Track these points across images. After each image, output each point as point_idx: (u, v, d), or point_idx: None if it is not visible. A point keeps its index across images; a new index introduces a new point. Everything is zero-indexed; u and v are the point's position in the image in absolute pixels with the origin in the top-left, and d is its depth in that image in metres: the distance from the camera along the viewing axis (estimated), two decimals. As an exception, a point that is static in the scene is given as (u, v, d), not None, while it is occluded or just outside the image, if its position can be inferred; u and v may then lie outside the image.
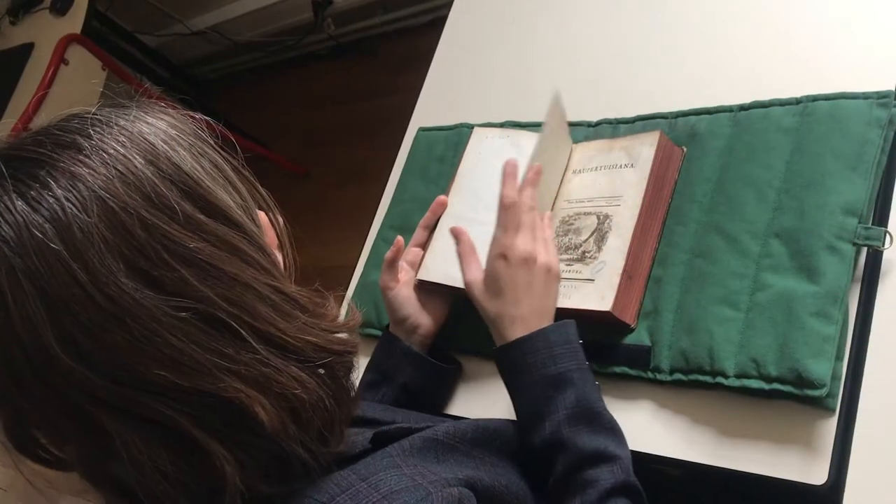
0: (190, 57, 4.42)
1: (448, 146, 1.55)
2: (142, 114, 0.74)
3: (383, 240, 1.55)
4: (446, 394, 1.29)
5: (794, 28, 1.25)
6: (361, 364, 1.37)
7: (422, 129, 1.65)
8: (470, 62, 1.72)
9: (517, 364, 1.05)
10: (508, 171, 1.15)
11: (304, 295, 0.80)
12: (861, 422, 0.95)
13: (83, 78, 2.74)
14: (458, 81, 1.72)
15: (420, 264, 1.32)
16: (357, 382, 0.86)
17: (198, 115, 0.80)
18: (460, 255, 1.18)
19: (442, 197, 1.34)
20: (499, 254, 1.10)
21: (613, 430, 1.01)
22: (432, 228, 1.35)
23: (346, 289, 1.58)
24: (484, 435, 0.98)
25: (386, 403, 1.22)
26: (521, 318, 1.07)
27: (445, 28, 1.82)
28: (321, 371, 0.77)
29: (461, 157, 1.40)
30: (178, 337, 0.66)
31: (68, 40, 2.66)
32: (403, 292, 1.28)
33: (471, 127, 1.53)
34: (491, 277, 1.11)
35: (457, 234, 1.21)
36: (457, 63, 1.75)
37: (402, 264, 1.32)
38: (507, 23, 1.70)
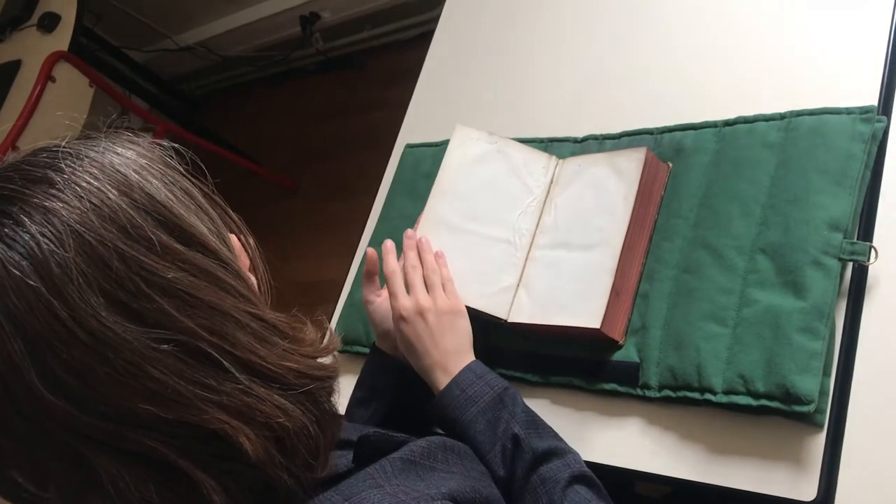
0: (178, 72, 4.42)
1: (435, 163, 1.53)
2: (111, 144, 0.73)
3: None
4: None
5: (779, 44, 1.26)
6: (351, 381, 1.37)
7: (409, 146, 1.65)
8: (457, 78, 1.72)
9: (461, 400, 1.09)
10: (385, 248, 1.24)
11: (282, 321, 0.79)
12: (849, 437, 0.95)
13: (71, 95, 2.73)
14: (445, 97, 1.72)
15: None
16: (339, 405, 0.85)
17: (165, 142, 0.80)
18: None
19: (409, 231, 1.31)
20: (397, 317, 1.16)
21: (557, 435, 1.06)
22: None
23: (335, 305, 1.58)
24: (454, 453, 0.98)
25: (376, 420, 1.22)
26: (439, 364, 1.12)
27: (432, 44, 1.82)
28: (303, 398, 0.76)
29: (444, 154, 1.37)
30: (160, 370, 0.66)
31: (55, 57, 2.65)
32: (385, 306, 1.28)
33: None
34: (400, 339, 1.17)
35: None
36: (444, 79, 1.75)
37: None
38: (493, 39, 1.70)
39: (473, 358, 1.14)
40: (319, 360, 0.81)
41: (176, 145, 0.81)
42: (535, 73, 1.58)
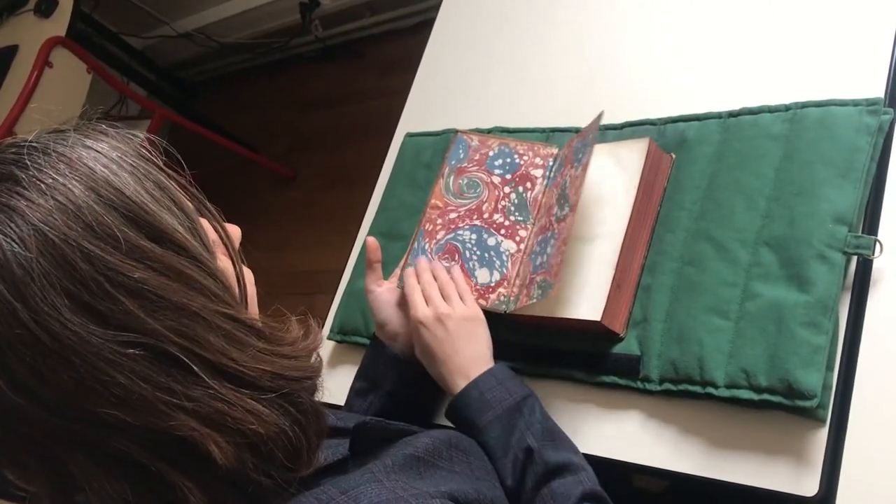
0: (176, 59, 4.40)
1: (436, 152, 1.55)
2: (80, 138, 0.71)
3: None
4: (435, 402, 1.29)
5: (784, 34, 1.25)
6: (350, 372, 1.37)
7: (409, 135, 1.65)
8: (458, 66, 1.71)
9: (478, 403, 1.08)
10: (406, 274, 1.26)
11: (258, 320, 0.77)
12: (852, 432, 0.95)
13: (68, 81, 2.72)
14: (445, 86, 1.71)
15: (402, 269, 1.32)
16: (323, 397, 0.83)
17: (140, 134, 0.78)
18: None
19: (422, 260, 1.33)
20: (417, 325, 1.17)
21: (574, 448, 1.06)
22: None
23: (333, 295, 1.57)
24: (459, 451, 0.98)
25: (374, 411, 1.22)
26: (460, 370, 1.13)
27: (433, 32, 1.82)
28: (280, 399, 0.74)
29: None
30: (125, 374, 0.64)
31: (53, 43, 2.64)
32: (384, 296, 1.29)
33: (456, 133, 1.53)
34: (419, 346, 1.18)
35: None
36: (445, 67, 1.74)
37: (397, 272, 1.32)
38: (495, 27, 1.70)
39: (493, 364, 1.14)
40: (299, 359, 0.78)
41: (151, 136, 0.78)
42: (538, 63, 1.57)
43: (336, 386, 1.40)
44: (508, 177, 1.32)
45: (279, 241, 3.60)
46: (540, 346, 1.20)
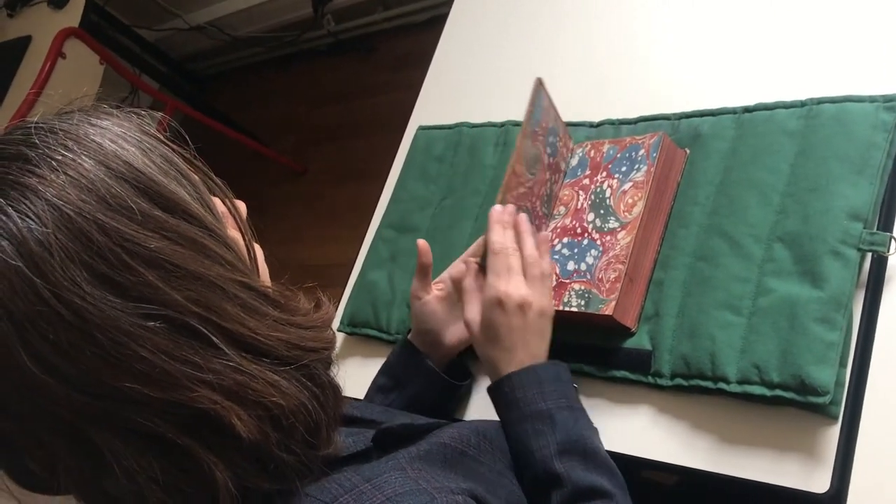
0: (188, 52, 4.41)
1: (448, 146, 1.55)
2: (85, 116, 0.72)
3: (382, 239, 1.54)
4: (455, 406, 1.29)
5: (800, 29, 1.24)
6: (360, 364, 1.36)
7: (421, 128, 1.65)
8: (470, 61, 1.71)
9: (507, 398, 1.05)
10: (495, 217, 1.14)
11: (272, 288, 0.78)
12: (864, 429, 0.94)
13: (81, 72, 2.73)
14: (458, 80, 1.71)
15: None
16: (338, 379, 0.83)
17: (143, 111, 0.78)
18: (465, 291, 1.15)
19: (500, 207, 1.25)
20: (495, 301, 1.08)
21: (609, 469, 1.00)
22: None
23: (343, 289, 1.57)
24: (486, 440, 0.97)
25: (395, 408, 1.21)
26: (516, 362, 1.07)
27: (446, 26, 1.81)
28: (298, 373, 0.75)
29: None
30: (147, 348, 0.64)
31: (66, 34, 2.64)
32: (432, 306, 1.25)
33: (472, 126, 1.54)
34: (487, 323, 1.10)
35: (467, 265, 1.18)
36: (457, 61, 1.74)
37: (444, 277, 1.29)
38: (508, 22, 1.69)
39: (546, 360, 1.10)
40: (314, 330, 0.79)
41: (155, 112, 0.79)
42: (551, 57, 1.57)
43: (345, 378, 1.39)
44: (551, 160, 1.27)
45: (289, 235, 3.61)
46: (550, 340, 1.19)
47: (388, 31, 3.83)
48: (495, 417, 1.08)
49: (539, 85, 1.18)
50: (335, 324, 1.48)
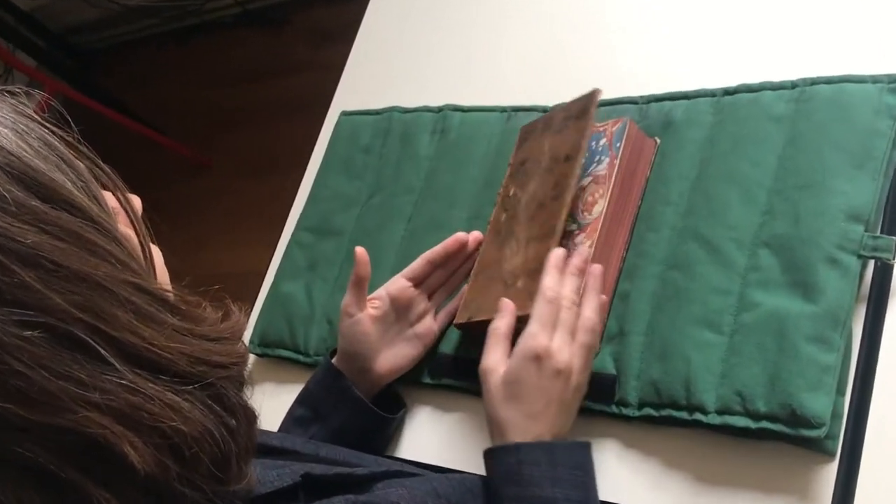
0: (71, 23, 4.38)
1: (376, 134, 1.55)
2: None
3: (298, 244, 1.54)
4: (386, 442, 1.28)
5: (789, -1, 1.25)
6: (273, 391, 1.34)
7: (345, 114, 1.65)
8: (402, 36, 1.71)
9: (509, 469, 1.03)
10: (553, 262, 1.11)
11: (172, 292, 0.76)
12: (866, 468, 0.94)
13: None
14: (388, 58, 1.71)
15: (462, 303, 1.26)
16: (253, 401, 0.81)
17: (18, 88, 0.76)
18: (492, 333, 1.12)
19: (462, 235, 1.28)
20: (532, 355, 1.05)
21: None
22: (448, 270, 1.31)
23: (254, 301, 1.57)
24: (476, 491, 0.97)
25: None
26: (534, 433, 1.04)
27: (374, -6, 1.82)
28: (203, 394, 0.73)
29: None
30: (24, 361, 0.62)
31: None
32: (365, 325, 1.24)
33: (404, 111, 1.54)
34: (513, 377, 1.06)
35: (503, 308, 1.14)
36: (387, 36, 1.74)
37: (381, 293, 1.27)
38: (447, -9, 1.69)
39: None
40: (221, 342, 0.77)
41: (34, 91, 0.77)
42: (497, 30, 1.57)
43: (257, 407, 1.38)
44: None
45: (191, 238, 3.61)
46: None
47: (305, 0, 3.83)
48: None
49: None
50: (245, 340, 1.46)
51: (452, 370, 1.25)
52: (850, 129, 1.05)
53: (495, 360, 1.09)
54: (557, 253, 1.11)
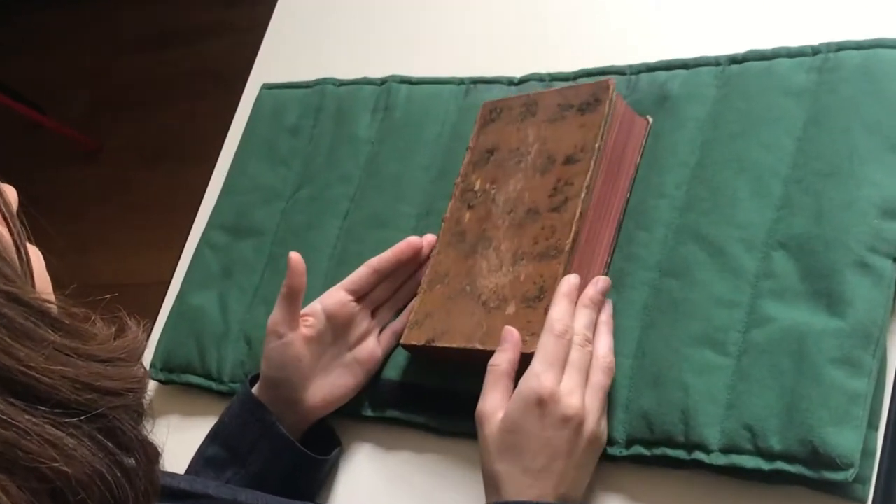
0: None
1: (306, 112, 1.55)
2: None
3: (209, 246, 1.52)
4: (318, 488, 1.27)
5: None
6: (178, 424, 1.31)
7: (266, 87, 1.64)
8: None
9: None
10: (564, 291, 1.10)
11: (55, 304, 0.73)
12: (904, 517, 0.94)
13: None
14: (319, 18, 1.71)
15: (411, 317, 1.25)
16: (154, 435, 0.79)
17: None
18: (492, 371, 1.10)
19: (415, 239, 1.28)
20: (534, 398, 1.03)
21: None
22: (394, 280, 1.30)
23: (154, 317, 1.56)
24: None
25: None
26: (534, 493, 1.03)
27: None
28: (91, 427, 0.70)
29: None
30: None
31: None
32: (297, 348, 1.21)
33: (340, 84, 1.54)
34: (511, 426, 1.05)
35: (507, 338, 1.12)
36: (317, -6, 1.75)
37: (316, 308, 1.25)
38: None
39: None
40: (114, 364, 0.74)
41: None
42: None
43: (159, 443, 1.36)
44: None
45: (78, 238, 3.61)
46: (453, 392, 1.19)
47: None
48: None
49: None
50: (145, 362, 1.43)
51: (398, 400, 1.23)
52: (884, 105, 1.04)
53: (494, 403, 1.07)
54: (571, 281, 1.10)
